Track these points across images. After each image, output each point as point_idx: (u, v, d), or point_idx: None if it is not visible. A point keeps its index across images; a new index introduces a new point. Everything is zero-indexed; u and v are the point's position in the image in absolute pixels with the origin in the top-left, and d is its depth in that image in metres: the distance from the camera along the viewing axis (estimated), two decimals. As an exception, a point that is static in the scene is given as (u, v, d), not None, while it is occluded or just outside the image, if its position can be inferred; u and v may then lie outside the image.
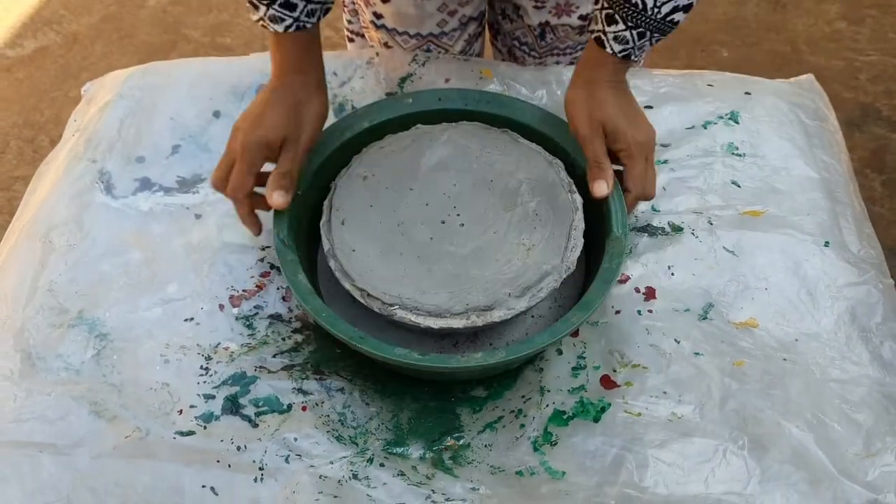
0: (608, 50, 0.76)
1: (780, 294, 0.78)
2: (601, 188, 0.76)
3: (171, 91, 0.96)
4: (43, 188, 0.89)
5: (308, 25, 0.75)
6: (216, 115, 0.95)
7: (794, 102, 0.95)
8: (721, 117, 0.93)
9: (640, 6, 0.73)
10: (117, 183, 0.88)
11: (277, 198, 0.75)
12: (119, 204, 0.87)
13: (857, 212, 0.87)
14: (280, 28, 0.75)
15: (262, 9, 0.74)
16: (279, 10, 0.74)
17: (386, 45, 1.03)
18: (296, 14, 0.74)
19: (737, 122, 0.92)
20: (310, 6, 0.75)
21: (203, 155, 0.91)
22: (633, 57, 0.76)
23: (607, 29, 0.75)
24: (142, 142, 0.92)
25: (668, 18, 0.74)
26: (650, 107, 0.94)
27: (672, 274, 0.81)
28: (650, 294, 0.79)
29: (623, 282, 0.80)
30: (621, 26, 0.74)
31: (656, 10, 0.73)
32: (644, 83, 0.97)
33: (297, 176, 0.76)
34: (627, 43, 0.75)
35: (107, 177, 0.89)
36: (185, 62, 1.01)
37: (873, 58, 2.03)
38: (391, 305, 0.71)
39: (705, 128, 0.92)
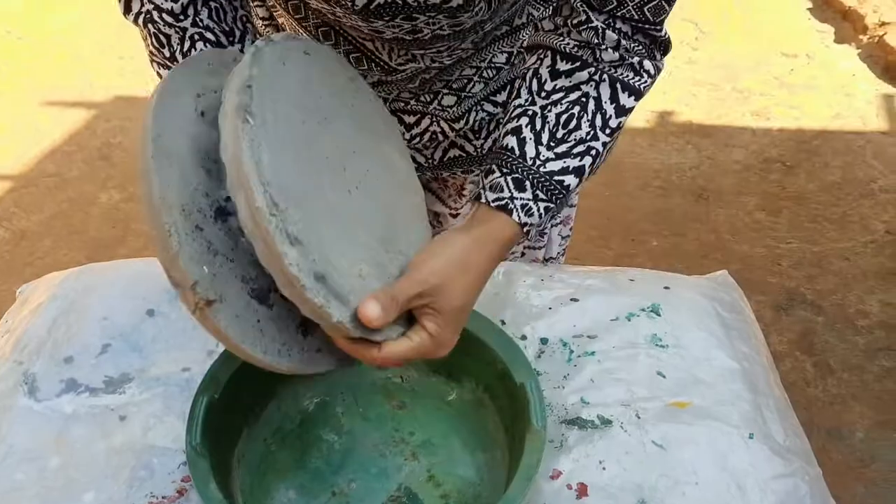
0: (515, 219, 0.66)
1: (711, 489, 0.78)
2: (375, 311, 0.58)
3: (106, 291, 0.97)
4: (-37, 392, 0.87)
5: None
6: (150, 313, 0.95)
7: (711, 296, 1.00)
8: (643, 310, 0.97)
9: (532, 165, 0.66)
10: (42, 385, 0.87)
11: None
12: (41, 407, 0.85)
13: (780, 401, 0.89)
14: None
15: None
16: None
17: None
18: None
19: (658, 315, 0.96)
20: None
21: (133, 354, 0.91)
22: (530, 233, 0.68)
23: (516, 195, 0.66)
24: (71, 342, 0.92)
25: (558, 180, 0.67)
26: (576, 299, 0.98)
27: (604, 468, 0.80)
28: (582, 491, 0.78)
29: (554, 478, 0.79)
30: (528, 195, 0.66)
31: (541, 165, 0.66)
32: (569, 276, 1.01)
33: None
34: (533, 216, 0.66)
35: (31, 378, 0.87)
36: (122, 263, 1.03)
37: (793, 245, 2.16)
38: None
39: (629, 319, 0.96)
